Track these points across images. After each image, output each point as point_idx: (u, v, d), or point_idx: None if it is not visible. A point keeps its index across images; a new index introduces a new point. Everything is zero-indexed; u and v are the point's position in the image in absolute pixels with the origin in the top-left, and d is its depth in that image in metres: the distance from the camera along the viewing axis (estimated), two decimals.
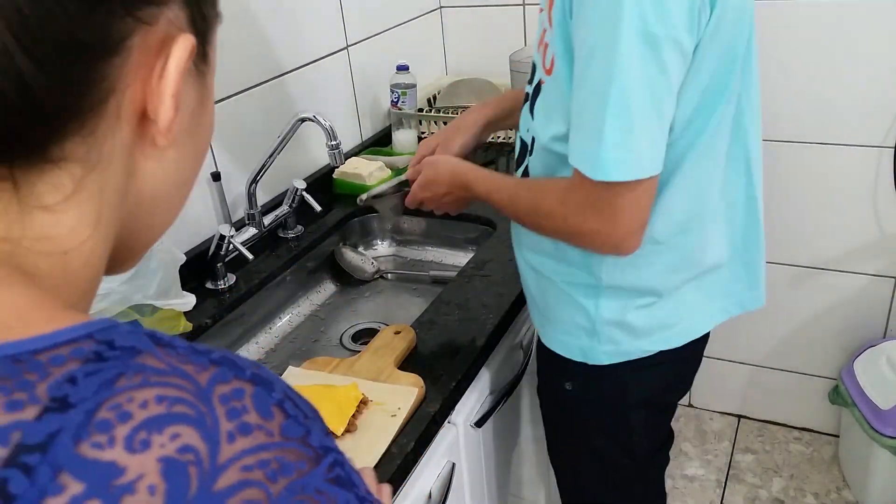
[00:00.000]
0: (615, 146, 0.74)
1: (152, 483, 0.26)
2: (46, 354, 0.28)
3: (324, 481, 0.31)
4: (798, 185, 1.78)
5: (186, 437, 0.28)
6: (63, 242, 0.33)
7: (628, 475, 1.10)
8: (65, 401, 0.27)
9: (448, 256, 1.47)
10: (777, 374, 2.05)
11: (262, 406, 0.30)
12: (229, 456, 0.28)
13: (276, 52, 1.40)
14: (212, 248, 1.21)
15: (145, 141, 0.36)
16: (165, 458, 0.27)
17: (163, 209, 0.41)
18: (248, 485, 0.28)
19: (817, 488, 1.90)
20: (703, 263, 0.94)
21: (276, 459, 0.29)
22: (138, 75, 0.34)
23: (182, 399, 0.28)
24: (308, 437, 0.31)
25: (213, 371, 0.30)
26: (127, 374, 0.28)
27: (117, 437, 0.26)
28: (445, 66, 2.02)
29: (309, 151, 1.51)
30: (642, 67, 0.71)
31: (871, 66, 1.61)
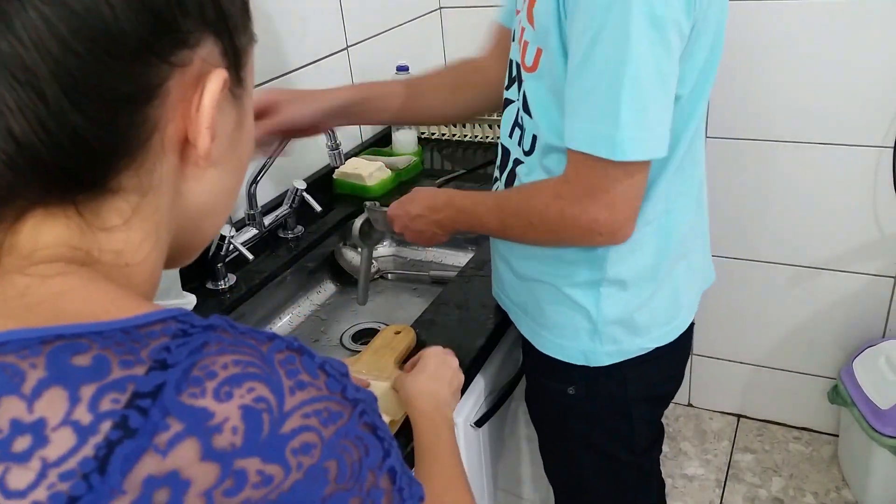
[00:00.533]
0: (631, 126, 0.75)
1: (235, 425, 0.33)
2: (144, 330, 0.35)
3: (359, 427, 0.38)
4: (798, 185, 1.78)
5: (259, 391, 0.34)
6: (126, 256, 0.40)
7: (629, 471, 1.11)
8: (164, 363, 0.33)
9: (448, 256, 1.47)
10: (777, 373, 2.05)
11: (310, 368, 0.37)
12: (292, 405, 0.35)
13: (277, 52, 1.40)
14: (212, 249, 1.21)
15: (188, 164, 0.41)
16: (244, 406, 0.34)
17: (210, 217, 0.46)
18: (307, 429, 0.35)
19: (817, 488, 1.90)
20: (686, 243, 0.97)
21: (326, 409, 0.36)
22: (178, 110, 0.39)
23: (252, 362, 0.35)
24: (345, 392, 0.38)
25: (271, 343, 0.37)
26: (210, 344, 0.35)
27: (207, 389, 0.33)
28: None
29: (309, 152, 1.51)
30: (651, 49, 0.73)
31: (871, 66, 1.61)
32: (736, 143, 1.80)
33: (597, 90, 0.76)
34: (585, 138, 0.78)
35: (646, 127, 0.76)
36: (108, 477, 0.31)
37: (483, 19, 1.92)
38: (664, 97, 0.77)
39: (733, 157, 1.82)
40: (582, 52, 0.76)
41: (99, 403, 0.32)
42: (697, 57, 0.81)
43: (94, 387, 0.32)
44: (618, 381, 0.99)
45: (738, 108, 1.76)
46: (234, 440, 0.33)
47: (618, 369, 0.97)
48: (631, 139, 0.75)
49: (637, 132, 0.75)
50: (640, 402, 1.03)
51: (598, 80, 0.76)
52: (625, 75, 0.73)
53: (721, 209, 1.89)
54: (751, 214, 1.87)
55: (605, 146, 0.76)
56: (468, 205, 0.96)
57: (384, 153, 1.68)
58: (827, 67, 1.65)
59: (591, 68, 0.76)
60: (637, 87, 0.74)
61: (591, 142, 0.78)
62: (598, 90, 0.76)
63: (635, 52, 0.73)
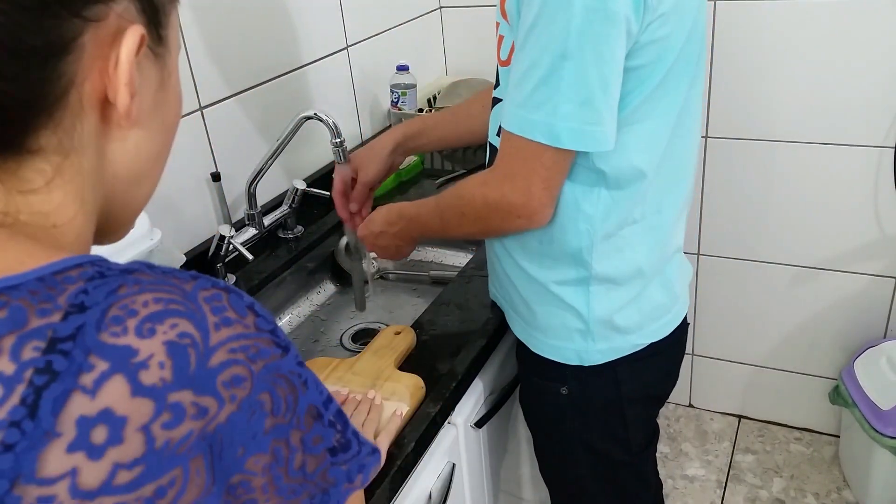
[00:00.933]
0: (570, 117, 0.76)
1: (161, 360, 0.34)
2: (60, 276, 0.35)
3: (296, 364, 0.39)
4: (798, 185, 1.78)
5: (183, 327, 0.35)
6: (53, 217, 0.39)
7: (624, 471, 1.11)
8: (82, 305, 0.34)
9: (448, 256, 1.47)
10: (777, 374, 2.05)
11: (237, 306, 0.38)
12: (218, 340, 0.36)
13: (276, 52, 1.40)
14: (212, 249, 1.21)
15: (111, 124, 0.41)
16: (169, 341, 0.34)
17: (140, 184, 0.45)
18: (235, 363, 0.36)
19: (818, 488, 1.90)
20: (674, 242, 0.99)
21: (254, 345, 0.38)
22: (95, 67, 0.38)
23: (174, 300, 0.36)
24: (275, 332, 0.39)
25: (195, 282, 0.38)
26: (127, 284, 0.35)
27: (129, 327, 0.34)
28: (445, 67, 2.02)
29: (309, 152, 1.51)
30: (594, 45, 0.74)
31: (871, 66, 1.61)
32: (736, 143, 1.80)
33: (531, 75, 0.77)
34: (520, 122, 0.80)
35: (586, 119, 0.77)
36: (39, 421, 0.31)
37: (483, 19, 1.92)
38: (604, 92, 0.77)
39: (733, 157, 1.81)
40: (521, 38, 0.77)
41: (21, 352, 0.32)
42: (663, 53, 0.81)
43: (14, 337, 0.32)
44: (611, 380, 0.99)
45: (738, 108, 1.76)
46: (163, 375, 0.34)
47: (611, 368, 0.98)
48: (570, 129, 0.77)
49: (577, 124, 0.77)
50: (634, 402, 1.03)
51: (532, 67, 0.77)
52: (563, 70, 0.75)
53: (721, 209, 1.89)
54: (751, 214, 1.86)
55: (541, 132, 0.78)
56: (413, 212, 1.01)
57: None
58: (827, 67, 1.64)
59: (526, 56, 0.77)
60: (579, 80, 0.75)
61: (526, 125, 0.79)
62: (533, 76, 0.77)
63: (577, 46, 0.74)
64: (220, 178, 1.26)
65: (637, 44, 0.78)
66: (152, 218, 0.99)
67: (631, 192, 0.88)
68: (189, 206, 1.25)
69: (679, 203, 0.97)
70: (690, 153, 0.96)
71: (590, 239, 0.90)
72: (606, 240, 0.90)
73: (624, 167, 0.86)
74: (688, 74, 0.87)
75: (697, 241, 1.94)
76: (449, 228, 0.97)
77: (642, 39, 0.78)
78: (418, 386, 0.93)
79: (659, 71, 0.82)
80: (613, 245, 0.91)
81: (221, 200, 1.28)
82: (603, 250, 0.91)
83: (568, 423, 1.06)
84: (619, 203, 0.88)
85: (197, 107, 1.24)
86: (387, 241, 1.06)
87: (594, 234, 0.90)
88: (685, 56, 0.84)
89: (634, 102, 0.82)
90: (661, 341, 0.99)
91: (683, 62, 0.85)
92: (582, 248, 0.91)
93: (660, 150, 0.88)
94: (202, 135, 1.26)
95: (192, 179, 1.25)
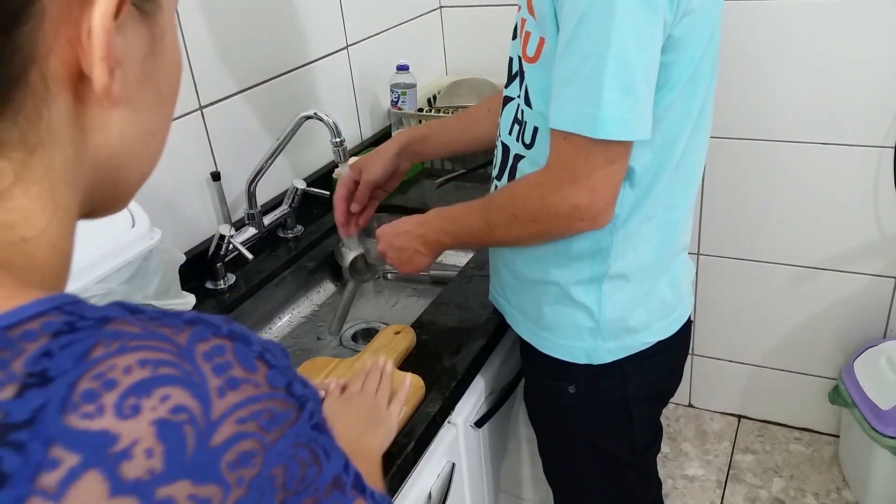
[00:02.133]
0: (614, 106, 0.76)
1: (149, 446, 0.26)
2: (16, 330, 0.26)
3: (310, 428, 0.31)
4: (798, 185, 1.78)
5: (177, 398, 0.27)
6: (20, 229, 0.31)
7: (629, 470, 1.11)
8: (44, 375, 0.26)
9: (448, 256, 1.47)
10: (777, 374, 2.05)
11: (245, 359, 0.30)
12: (222, 411, 0.28)
13: (276, 51, 1.40)
14: (211, 248, 1.21)
15: (89, 106, 0.32)
16: (159, 420, 0.27)
17: (133, 163, 0.37)
18: (244, 437, 0.28)
19: (817, 488, 1.90)
20: (682, 240, 0.99)
21: (268, 410, 0.30)
22: (61, 35, 0.30)
23: (165, 361, 0.28)
24: (291, 387, 0.31)
25: (191, 331, 0.29)
26: (104, 342, 0.27)
27: (106, 405, 0.26)
28: (445, 66, 2.02)
29: (308, 151, 1.51)
30: (636, 32, 0.74)
31: (871, 66, 1.61)
32: (736, 143, 1.80)
33: (581, 70, 0.77)
34: (569, 118, 0.79)
35: (628, 108, 0.77)
36: None
37: (483, 19, 1.93)
38: (647, 80, 0.77)
39: (733, 157, 1.81)
40: (568, 33, 0.77)
41: None
42: (692, 50, 0.81)
43: None
44: (618, 378, 1.00)
45: (739, 108, 1.76)
46: (151, 465, 0.26)
47: (618, 367, 0.98)
48: (613, 120, 0.76)
49: (619, 113, 0.76)
50: (640, 400, 1.03)
51: (582, 61, 0.76)
52: (608, 56, 0.74)
53: (721, 209, 1.89)
54: (751, 214, 1.86)
55: (587, 125, 0.77)
56: (454, 212, 0.97)
57: None
58: (827, 67, 1.64)
59: (577, 49, 0.77)
60: (621, 68, 0.75)
61: (574, 121, 0.78)
62: (582, 70, 0.76)
63: (619, 33, 0.73)
64: (219, 177, 1.26)
65: (670, 38, 0.78)
66: (152, 217, 0.99)
67: (650, 190, 0.88)
68: (189, 206, 1.25)
69: (689, 201, 0.97)
70: (703, 152, 0.97)
71: (611, 237, 0.90)
72: (627, 238, 0.91)
73: (648, 165, 0.86)
74: (708, 73, 0.87)
75: (697, 241, 1.94)
76: (495, 232, 0.91)
77: (675, 33, 0.78)
78: (418, 385, 0.93)
79: (688, 68, 0.82)
80: (631, 242, 0.91)
81: (221, 200, 1.28)
82: (622, 248, 0.91)
83: (574, 423, 1.06)
84: (641, 201, 0.89)
85: (197, 106, 1.24)
86: (406, 242, 0.99)
87: (616, 233, 0.90)
88: (709, 54, 0.85)
89: (665, 100, 0.83)
90: (667, 339, 1.00)
91: (707, 60, 0.85)
92: (602, 248, 0.91)
93: (681, 148, 0.88)
94: (202, 134, 1.26)
95: (191, 179, 1.25)
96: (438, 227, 0.97)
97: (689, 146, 0.90)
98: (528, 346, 1.04)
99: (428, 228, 0.98)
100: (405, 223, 1.00)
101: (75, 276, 0.88)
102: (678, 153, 0.88)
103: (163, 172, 1.18)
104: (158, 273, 0.99)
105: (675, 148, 0.88)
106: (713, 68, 0.90)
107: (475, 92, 1.81)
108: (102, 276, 0.91)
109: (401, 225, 1.01)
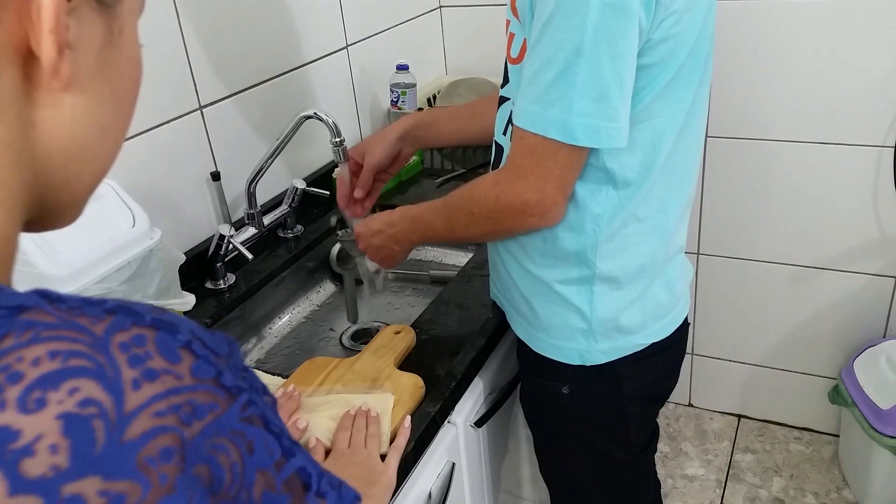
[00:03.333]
0: (585, 113, 0.76)
1: (53, 442, 0.25)
2: None
3: (238, 421, 0.30)
4: (798, 185, 1.78)
5: (87, 391, 0.26)
6: None
7: (625, 470, 1.11)
8: None
9: (448, 256, 1.47)
10: (777, 373, 2.05)
11: (167, 350, 0.29)
12: (137, 404, 0.27)
13: (276, 51, 1.40)
14: (211, 248, 1.21)
15: (39, 86, 0.32)
16: (65, 414, 0.25)
17: (86, 159, 0.36)
18: (161, 431, 0.27)
19: (817, 488, 1.90)
20: (676, 242, 0.99)
21: (189, 402, 0.28)
22: (10, 7, 0.30)
23: (77, 352, 0.27)
24: (220, 378, 0.30)
25: (110, 320, 0.28)
26: (15, 332, 0.26)
27: (8, 399, 0.25)
28: (445, 66, 2.02)
29: (309, 151, 1.51)
30: (609, 42, 0.74)
31: (871, 66, 1.61)
32: (736, 143, 1.80)
33: (545, 73, 0.77)
34: (534, 118, 0.79)
35: (600, 116, 0.77)
36: None
37: (483, 19, 1.93)
38: (620, 88, 0.77)
39: (733, 157, 1.81)
40: (536, 34, 0.77)
41: None
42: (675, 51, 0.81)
43: None
44: (612, 379, 0.99)
45: (738, 108, 1.76)
46: (55, 462, 0.25)
47: (612, 368, 0.98)
48: (585, 126, 0.77)
49: (591, 120, 0.77)
50: (634, 401, 1.03)
51: (547, 64, 0.76)
52: (579, 66, 0.74)
53: (721, 209, 1.89)
54: (751, 214, 1.86)
55: (556, 130, 0.78)
56: (418, 213, 1.00)
57: None
58: (827, 67, 1.64)
59: (541, 51, 0.77)
60: (593, 76, 0.75)
61: (541, 122, 0.79)
62: (548, 74, 0.76)
63: (593, 42, 0.73)
64: (219, 177, 1.26)
65: (649, 41, 0.78)
66: (152, 217, 0.99)
67: (637, 191, 0.88)
68: (189, 206, 1.25)
69: (683, 202, 0.97)
70: (695, 152, 0.97)
71: (595, 238, 0.90)
72: (611, 239, 0.90)
73: (632, 166, 0.86)
74: (697, 73, 0.87)
75: (697, 240, 1.94)
76: (456, 230, 0.95)
77: (655, 37, 0.78)
78: (418, 385, 0.93)
79: (670, 69, 0.82)
80: (618, 244, 0.91)
81: (221, 200, 1.28)
82: (607, 249, 0.91)
83: (568, 423, 1.06)
84: (626, 202, 0.88)
85: (196, 106, 1.24)
86: (381, 241, 1.04)
87: (599, 234, 0.90)
88: (695, 54, 0.84)
89: (645, 100, 0.82)
90: (662, 341, 0.99)
91: (693, 60, 0.85)
92: (586, 248, 0.91)
93: (667, 149, 0.88)
94: (202, 134, 1.26)
95: (191, 179, 1.25)
96: (406, 227, 1.01)
97: (678, 147, 0.89)
98: (523, 346, 1.05)
99: (397, 229, 1.02)
100: (376, 222, 1.04)
101: (75, 276, 0.88)
102: (665, 154, 0.88)
103: (163, 172, 1.18)
104: (158, 273, 0.99)
105: (661, 149, 0.87)
106: (705, 68, 0.89)
107: (475, 91, 1.81)
108: (102, 275, 0.91)
109: (373, 224, 1.05)
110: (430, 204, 0.99)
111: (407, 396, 0.92)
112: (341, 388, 0.94)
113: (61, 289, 0.88)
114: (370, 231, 1.05)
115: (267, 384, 0.33)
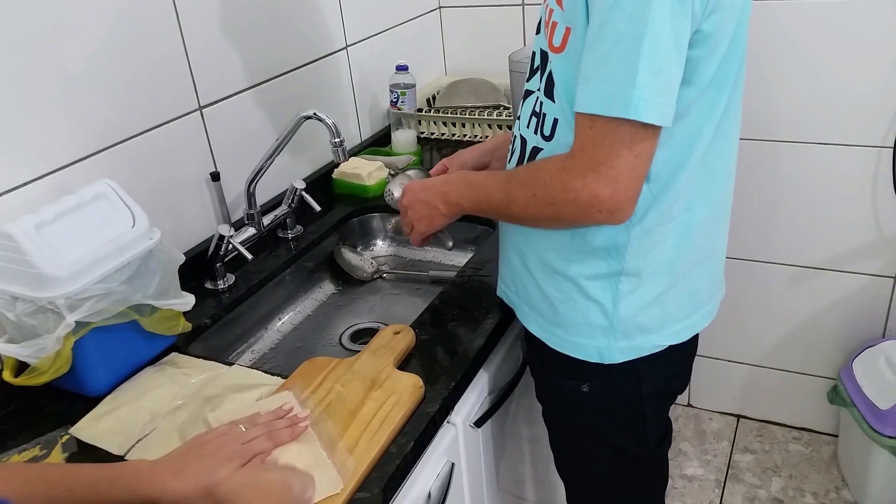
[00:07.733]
0: (647, 87, 0.75)
1: None
2: None
3: None
4: (798, 185, 1.78)
5: None
6: None
7: (642, 465, 1.11)
8: None
9: (448, 256, 1.47)
10: (776, 374, 2.05)
11: None
12: None
13: (276, 51, 1.40)
14: (211, 248, 1.21)
15: None
16: None
17: None
18: None
19: (816, 488, 1.90)
20: (703, 245, 0.97)
21: None
22: None
23: None
24: None
25: None
26: None
27: None
28: (445, 66, 2.02)
29: (308, 152, 1.51)
30: (671, 15, 0.74)
31: (871, 66, 1.61)
32: None
33: (614, 52, 0.75)
34: (599, 100, 0.77)
35: (659, 90, 0.75)
36: None
37: (483, 19, 1.93)
38: (677, 65, 0.77)
39: None
40: (602, 17, 0.76)
41: None
42: (719, 47, 0.81)
43: None
44: (632, 377, 1.00)
45: None
46: None
47: (632, 366, 0.98)
48: (646, 100, 0.75)
49: (651, 94, 0.75)
50: (653, 398, 1.03)
51: (616, 42, 0.75)
52: (645, 36, 0.73)
53: None
54: (751, 214, 1.87)
55: (618, 105, 0.75)
56: (480, 179, 0.97)
57: (383, 153, 1.68)
58: (827, 67, 1.65)
59: (611, 30, 0.76)
60: (655, 49, 0.74)
61: (604, 102, 0.76)
62: (616, 51, 0.75)
63: (657, 15, 0.73)
64: (219, 177, 1.26)
65: (698, 32, 0.78)
66: (152, 217, 0.99)
67: (668, 188, 0.87)
68: (188, 206, 1.25)
69: (710, 203, 0.95)
70: (729, 155, 0.95)
71: (627, 234, 0.89)
72: (644, 236, 0.89)
73: (666, 161, 0.85)
74: (733, 73, 0.86)
75: None
76: (513, 208, 0.90)
77: (704, 28, 0.78)
78: (417, 385, 0.93)
79: (712, 64, 0.82)
80: (650, 241, 0.90)
81: (221, 200, 1.28)
82: (638, 246, 0.90)
83: (587, 420, 1.06)
84: (659, 199, 0.88)
85: (196, 106, 1.24)
86: (429, 196, 1.01)
87: (632, 230, 0.89)
88: (732, 53, 0.84)
89: (690, 96, 0.82)
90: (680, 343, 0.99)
91: (730, 59, 0.84)
92: (618, 244, 0.90)
93: (701, 148, 0.87)
94: (202, 134, 1.26)
95: (191, 179, 1.25)
96: (461, 190, 0.98)
97: (712, 147, 0.89)
98: (537, 342, 1.03)
99: (451, 188, 0.99)
100: (432, 179, 1.03)
101: (75, 277, 0.89)
102: (698, 153, 0.87)
103: (162, 173, 1.18)
104: (158, 273, 0.99)
105: (695, 147, 0.87)
106: (740, 69, 0.88)
107: (474, 92, 1.81)
108: (102, 275, 0.91)
109: (428, 181, 1.03)
110: (493, 174, 0.96)
111: (406, 396, 0.92)
112: (340, 389, 0.94)
113: (61, 289, 0.88)
114: (423, 185, 1.02)
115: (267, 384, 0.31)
